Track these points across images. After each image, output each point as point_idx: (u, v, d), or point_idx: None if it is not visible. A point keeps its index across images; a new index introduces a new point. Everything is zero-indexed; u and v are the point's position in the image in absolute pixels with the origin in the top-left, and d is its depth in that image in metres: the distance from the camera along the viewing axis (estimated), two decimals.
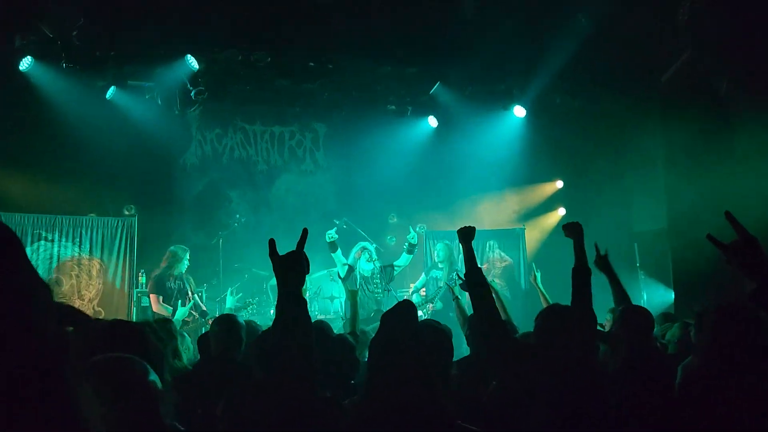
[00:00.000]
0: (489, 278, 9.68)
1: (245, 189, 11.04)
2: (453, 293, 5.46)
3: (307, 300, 8.53)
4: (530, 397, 2.83)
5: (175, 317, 6.83)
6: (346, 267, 7.55)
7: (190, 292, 7.49)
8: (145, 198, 9.89)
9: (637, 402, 3.14)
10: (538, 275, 6.18)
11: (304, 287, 7.31)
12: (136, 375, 1.82)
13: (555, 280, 6.89)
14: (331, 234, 7.33)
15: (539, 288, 6.04)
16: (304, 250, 2.25)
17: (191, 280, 7.73)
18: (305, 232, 2.21)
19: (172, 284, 7.53)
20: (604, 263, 4.23)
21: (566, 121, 10.88)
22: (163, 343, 3.62)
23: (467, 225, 3.70)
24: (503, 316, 5.00)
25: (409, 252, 7.76)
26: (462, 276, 5.05)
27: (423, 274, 9.27)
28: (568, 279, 3.44)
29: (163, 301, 7.38)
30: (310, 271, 8.78)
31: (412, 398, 2.11)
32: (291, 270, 2.15)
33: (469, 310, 4.70)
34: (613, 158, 10.82)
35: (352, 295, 4.90)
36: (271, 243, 2.12)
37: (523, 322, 8.90)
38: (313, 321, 6.95)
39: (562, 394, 2.76)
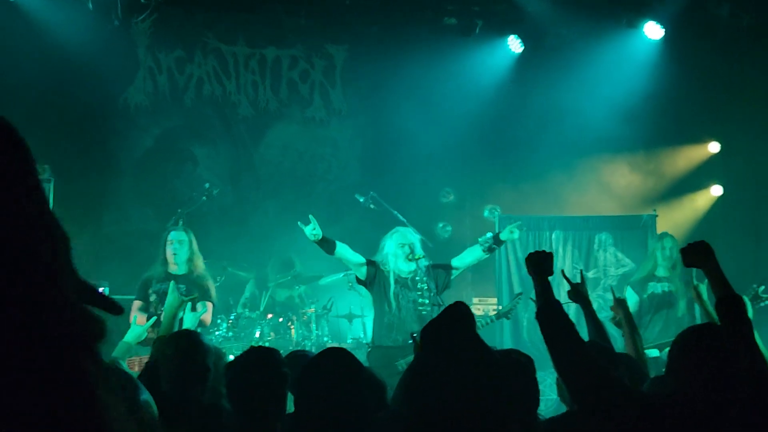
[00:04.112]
0: (597, 292, 9.64)
1: (219, 145, 11.05)
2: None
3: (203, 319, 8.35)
4: None
5: (125, 339, 6.95)
6: (365, 267, 7.42)
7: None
8: (65, 156, 9.87)
9: None
10: (704, 289, 5.97)
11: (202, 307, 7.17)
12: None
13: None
14: (313, 228, 7.14)
15: (707, 309, 5.86)
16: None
17: (204, 281, 7.76)
18: None
19: (159, 287, 7.64)
20: (576, 293, 5.00)
21: (729, 48, 10.61)
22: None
23: (541, 250, 3.93)
24: (633, 354, 5.01)
25: (489, 250, 7.60)
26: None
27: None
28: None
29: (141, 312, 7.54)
30: (317, 276, 8.60)
31: None
32: None
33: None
34: None
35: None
36: None
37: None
38: (318, 349, 6.95)
39: None
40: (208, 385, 3.97)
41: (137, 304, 7.67)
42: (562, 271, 5.85)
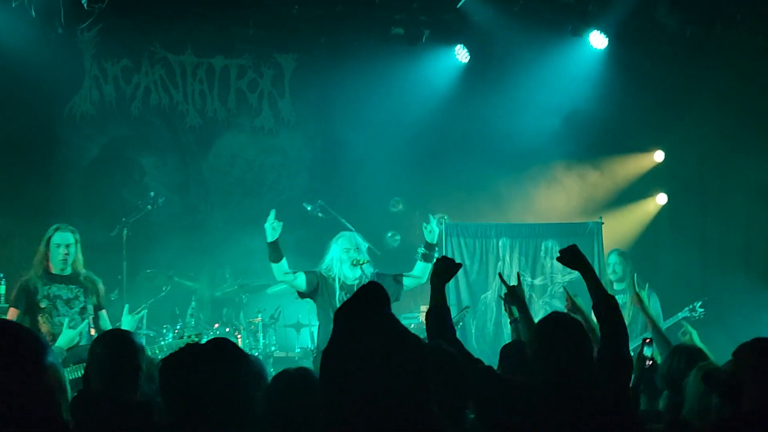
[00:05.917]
0: (544, 299, 9.65)
1: (166, 154, 10.96)
2: (510, 315, 5.50)
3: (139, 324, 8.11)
4: None
5: (57, 343, 6.78)
6: (302, 276, 7.36)
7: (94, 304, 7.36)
8: (8, 164, 9.84)
9: None
10: (644, 295, 6.23)
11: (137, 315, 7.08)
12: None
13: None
14: (273, 228, 7.13)
15: (648, 314, 6.07)
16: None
17: (97, 283, 7.52)
18: None
19: (48, 291, 7.27)
20: (512, 294, 5.27)
21: (673, 57, 10.70)
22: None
23: (450, 258, 4.63)
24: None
25: (426, 259, 7.57)
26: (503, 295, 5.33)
27: None
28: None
29: (30, 320, 7.15)
30: (265, 284, 8.57)
31: None
32: None
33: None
34: (750, 119, 10.60)
35: None
36: None
37: None
38: (265, 359, 6.92)
39: None
40: (140, 383, 3.98)
41: (15, 312, 7.18)
42: (500, 274, 6.00)
